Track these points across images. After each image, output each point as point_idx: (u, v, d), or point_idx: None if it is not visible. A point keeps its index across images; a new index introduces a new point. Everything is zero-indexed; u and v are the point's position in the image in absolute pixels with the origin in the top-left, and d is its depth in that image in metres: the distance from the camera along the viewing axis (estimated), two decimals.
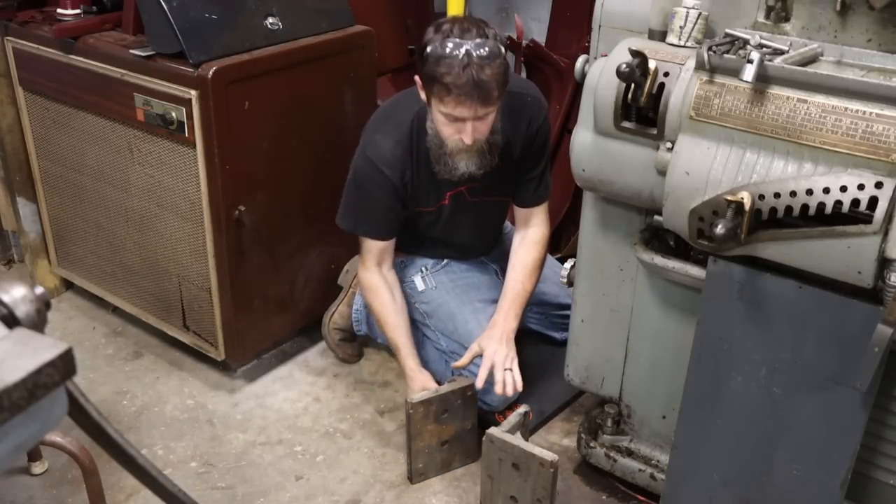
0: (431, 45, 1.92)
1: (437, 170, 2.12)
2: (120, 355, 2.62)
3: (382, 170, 2.12)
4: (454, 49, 1.89)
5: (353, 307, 2.56)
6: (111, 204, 2.50)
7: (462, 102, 1.91)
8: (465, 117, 1.94)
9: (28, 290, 0.69)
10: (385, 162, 2.12)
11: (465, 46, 1.88)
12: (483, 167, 2.10)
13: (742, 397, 1.62)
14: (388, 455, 2.24)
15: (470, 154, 2.06)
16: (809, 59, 1.51)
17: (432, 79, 1.92)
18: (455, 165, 2.09)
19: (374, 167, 2.13)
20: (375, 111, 2.31)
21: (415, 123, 2.14)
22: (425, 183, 2.19)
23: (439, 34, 1.93)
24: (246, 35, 2.20)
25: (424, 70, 1.95)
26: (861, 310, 1.42)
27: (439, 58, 1.90)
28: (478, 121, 1.96)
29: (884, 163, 1.33)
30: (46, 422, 0.66)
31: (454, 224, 2.32)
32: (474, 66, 1.87)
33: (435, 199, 2.24)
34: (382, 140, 2.14)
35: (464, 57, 1.87)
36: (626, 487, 2.07)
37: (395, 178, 2.13)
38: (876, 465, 1.61)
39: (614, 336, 1.96)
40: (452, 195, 2.23)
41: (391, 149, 2.13)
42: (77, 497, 2.05)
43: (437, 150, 2.09)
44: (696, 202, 1.49)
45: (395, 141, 2.13)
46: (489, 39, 1.91)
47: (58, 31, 2.33)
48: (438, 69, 1.89)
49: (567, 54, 2.86)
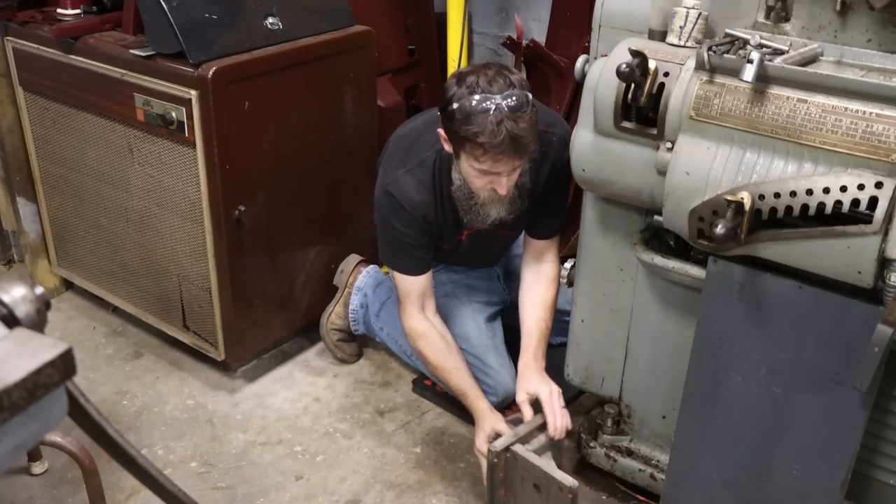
0: (457, 100, 1.81)
1: (467, 219, 2.06)
2: (120, 355, 2.62)
3: (405, 207, 2.05)
4: (482, 103, 1.77)
5: (350, 307, 2.56)
6: (111, 204, 2.50)
7: (499, 160, 1.81)
8: (501, 172, 1.86)
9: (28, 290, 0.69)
10: (409, 202, 2.05)
11: (495, 100, 1.77)
12: (513, 212, 2.02)
13: (742, 397, 1.62)
14: (388, 455, 2.24)
15: (502, 203, 1.99)
16: (809, 59, 1.51)
17: (464, 138, 1.81)
18: (487, 214, 2.01)
19: (398, 204, 2.05)
20: (393, 138, 2.22)
21: (437, 164, 2.06)
22: (449, 224, 2.13)
23: (463, 87, 1.81)
24: (246, 35, 2.20)
25: (452, 128, 1.84)
26: (861, 310, 1.42)
27: (468, 115, 1.78)
28: (510, 173, 1.89)
29: (884, 163, 1.33)
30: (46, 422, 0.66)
31: (467, 253, 2.30)
32: (507, 121, 1.76)
33: (455, 235, 2.20)
34: (405, 179, 2.06)
35: (495, 112, 1.76)
36: (626, 487, 2.07)
37: (418, 213, 2.07)
38: (876, 465, 1.61)
39: (614, 336, 1.96)
40: (470, 233, 2.19)
41: (415, 188, 2.05)
42: (77, 497, 2.05)
43: (467, 202, 2.01)
44: (696, 202, 1.49)
45: (419, 181, 2.05)
46: (516, 88, 1.80)
47: (58, 31, 2.33)
48: (470, 128, 1.79)
49: (567, 54, 2.86)
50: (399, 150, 2.14)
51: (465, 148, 1.84)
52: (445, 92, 1.87)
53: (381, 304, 2.51)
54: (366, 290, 2.55)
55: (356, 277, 2.58)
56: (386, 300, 2.51)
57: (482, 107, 1.78)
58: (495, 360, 2.29)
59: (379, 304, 2.52)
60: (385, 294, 2.52)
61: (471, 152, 1.83)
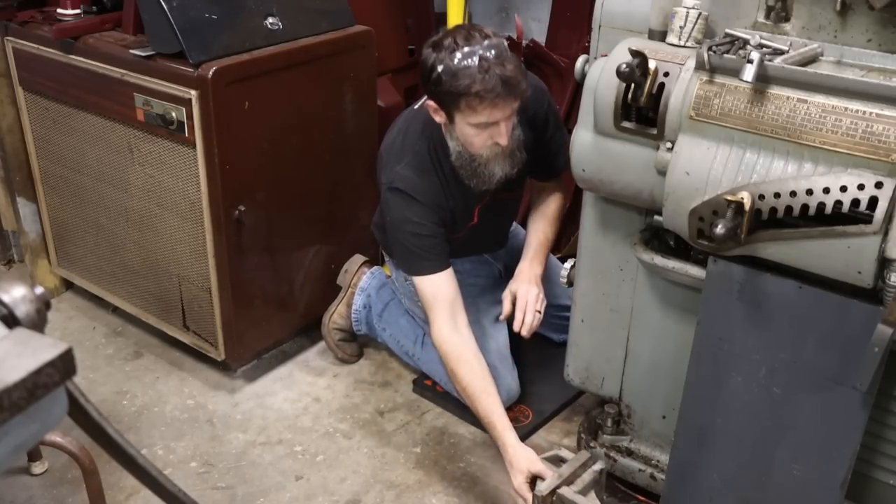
0: (440, 63, 1.86)
1: (473, 184, 2.06)
2: (120, 355, 2.62)
3: (415, 197, 2.06)
4: (466, 58, 1.84)
5: (353, 307, 2.56)
6: (111, 204, 2.50)
7: (496, 105, 1.86)
8: (499, 119, 1.90)
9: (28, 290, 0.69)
10: (417, 190, 2.06)
11: (477, 52, 1.84)
12: (516, 165, 2.06)
13: (742, 397, 1.62)
14: (388, 455, 2.24)
15: (504, 157, 2.02)
16: (809, 59, 1.51)
17: (456, 95, 1.86)
18: (492, 173, 2.03)
19: (408, 197, 2.06)
20: (380, 152, 2.22)
21: (431, 149, 2.09)
22: (459, 204, 2.15)
23: (442, 51, 1.87)
24: (246, 35, 2.20)
25: (441, 91, 1.88)
26: (861, 310, 1.42)
27: (455, 73, 1.84)
28: (507, 120, 1.93)
29: (884, 163, 1.33)
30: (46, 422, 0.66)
31: (478, 239, 2.30)
32: (495, 66, 1.83)
33: (466, 220, 2.20)
34: (405, 172, 2.08)
35: (482, 62, 1.83)
36: (626, 487, 2.07)
37: (432, 206, 2.08)
38: (876, 465, 1.61)
39: (614, 336, 1.96)
40: (481, 208, 2.20)
41: (418, 176, 2.07)
42: (77, 497, 2.05)
43: (469, 166, 2.03)
44: (696, 202, 1.49)
45: (419, 170, 2.07)
46: (492, 38, 1.88)
47: (58, 31, 2.33)
48: (461, 83, 1.84)
49: (567, 54, 2.86)
50: (390, 154, 2.15)
51: (459, 106, 1.88)
52: (424, 63, 1.91)
53: (384, 306, 2.52)
54: (369, 290, 2.55)
55: (360, 278, 2.58)
56: (389, 301, 2.51)
57: (467, 62, 1.84)
58: (498, 363, 2.29)
59: (382, 306, 2.52)
60: (388, 296, 2.52)
61: (467, 107, 1.87)
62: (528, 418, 2.33)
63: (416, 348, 2.45)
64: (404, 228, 2.09)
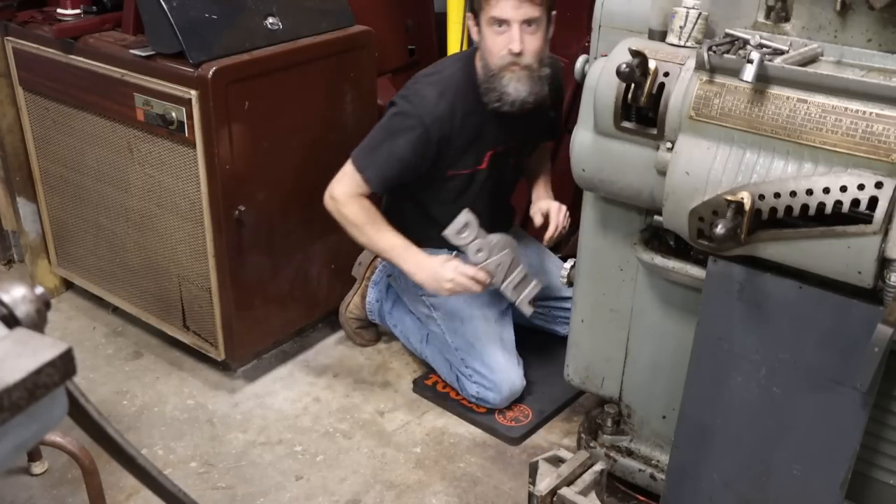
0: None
1: (487, 100, 2.12)
2: (120, 355, 2.62)
3: (422, 117, 2.11)
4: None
5: (367, 299, 2.58)
6: (111, 204, 2.50)
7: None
8: (511, 18, 2.01)
9: (28, 290, 0.69)
10: (425, 109, 2.12)
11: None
12: (533, 93, 2.10)
13: (742, 397, 1.62)
14: (388, 455, 2.24)
15: (519, 74, 2.07)
16: (809, 59, 1.51)
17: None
18: (505, 88, 2.09)
19: (413, 115, 2.12)
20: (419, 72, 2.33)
21: (459, 76, 2.17)
22: (466, 139, 2.19)
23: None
24: (246, 35, 2.20)
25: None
26: (861, 310, 1.42)
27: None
28: (525, 30, 2.03)
29: (884, 163, 1.33)
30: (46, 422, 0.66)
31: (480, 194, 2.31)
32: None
33: (473, 160, 2.24)
34: (426, 89, 2.16)
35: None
36: (626, 487, 2.07)
37: (433, 127, 2.12)
38: (876, 465, 1.61)
39: (614, 336, 1.96)
40: (492, 156, 2.25)
41: (434, 99, 2.14)
42: (77, 497, 2.05)
43: (487, 78, 2.11)
44: (696, 202, 1.49)
45: (439, 92, 2.15)
46: None
47: (58, 31, 2.33)
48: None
49: (567, 54, 2.85)
50: (422, 74, 2.25)
51: (481, 2, 2.04)
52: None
53: (392, 304, 2.55)
54: (381, 286, 2.58)
55: (373, 271, 2.61)
56: (396, 299, 2.54)
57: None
58: (501, 357, 2.30)
59: (391, 303, 2.55)
60: (395, 294, 2.53)
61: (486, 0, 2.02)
62: (528, 418, 2.33)
63: (422, 346, 2.49)
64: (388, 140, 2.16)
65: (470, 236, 2.14)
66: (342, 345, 2.68)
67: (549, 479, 1.79)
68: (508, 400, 2.31)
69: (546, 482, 1.78)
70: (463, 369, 2.32)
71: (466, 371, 2.32)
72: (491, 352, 2.29)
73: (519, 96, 2.09)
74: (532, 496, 1.79)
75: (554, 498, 1.77)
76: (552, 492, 1.76)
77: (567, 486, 1.76)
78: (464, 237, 2.13)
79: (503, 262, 2.18)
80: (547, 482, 1.78)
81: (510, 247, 2.20)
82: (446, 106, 2.13)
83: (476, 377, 2.31)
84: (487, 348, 2.30)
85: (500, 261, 2.18)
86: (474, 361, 2.29)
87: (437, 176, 2.23)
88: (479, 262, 2.16)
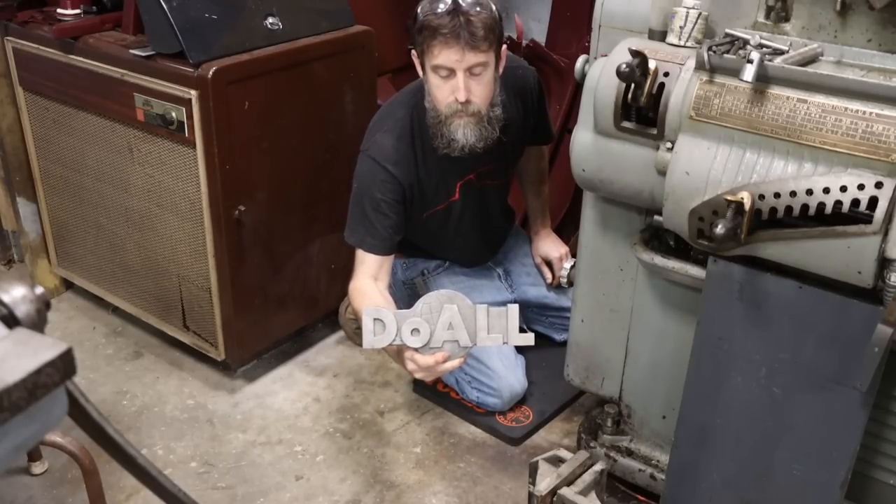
0: (419, 9, 1.95)
1: (437, 145, 2.05)
2: (120, 355, 2.62)
3: (387, 167, 2.07)
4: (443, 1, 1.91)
5: None
6: (111, 204, 2.50)
7: (449, 44, 1.88)
8: (455, 66, 1.91)
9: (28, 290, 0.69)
10: (389, 159, 2.07)
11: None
12: (483, 139, 2.02)
13: (742, 397, 1.62)
14: (387, 455, 2.24)
15: (467, 122, 1.99)
16: (809, 59, 1.51)
17: (420, 31, 1.92)
18: (452, 135, 2.00)
19: (378, 167, 2.07)
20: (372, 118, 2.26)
21: (413, 115, 2.10)
22: (434, 176, 2.15)
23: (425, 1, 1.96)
24: (246, 35, 2.20)
25: (415, 30, 1.95)
26: (861, 310, 1.42)
27: (427, 12, 1.92)
28: (471, 78, 1.93)
29: (884, 163, 1.33)
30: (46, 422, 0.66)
31: (462, 223, 2.28)
32: (461, 11, 1.88)
33: (444, 194, 2.20)
34: (383, 138, 2.10)
35: (451, 4, 1.90)
36: (626, 487, 2.07)
37: (401, 175, 2.08)
38: (876, 465, 1.61)
39: (614, 336, 1.96)
40: (462, 185, 2.20)
41: (393, 145, 2.08)
42: (77, 497, 2.05)
43: (434, 123, 2.03)
44: (696, 202, 1.49)
45: (397, 137, 2.09)
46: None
47: (58, 31, 2.33)
48: (426, 20, 1.91)
49: (567, 54, 2.86)
50: (375, 121, 2.19)
51: (423, 46, 1.93)
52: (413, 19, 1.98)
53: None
54: None
55: None
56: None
57: (442, 4, 1.91)
58: (499, 363, 2.29)
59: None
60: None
61: (426, 45, 1.92)
62: (529, 418, 2.33)
63: None
64: (364, 200, 2.11)
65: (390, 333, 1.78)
66: (342, 345, 2.68)
67: (549, 479, 1.79)
68: (510, 403, 2.31)
69: (546, 482, 1.79)
70: (463, 375, 2.32)
71: (466, 377, 2.31)
72: (488, 358, 2.28)
73: (468, 142, 2.01)
74: (532, 496, 1.80)
75: (554, 498, 1.77)
76: (552, 492, 1.76)
77: (567, 486, 1.77)
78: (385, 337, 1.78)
79: (453, 320, 1.80)
80: (547, 482, 1.78)
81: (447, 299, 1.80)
82: (406, 149, 2.09)
83: (475, 383, 2.30)
84: (484, 355, 2.28)
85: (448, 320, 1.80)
86: (472, 369, 2.28)
87: (415, 217, 2.18)
88: (425, 344, 1.81)
